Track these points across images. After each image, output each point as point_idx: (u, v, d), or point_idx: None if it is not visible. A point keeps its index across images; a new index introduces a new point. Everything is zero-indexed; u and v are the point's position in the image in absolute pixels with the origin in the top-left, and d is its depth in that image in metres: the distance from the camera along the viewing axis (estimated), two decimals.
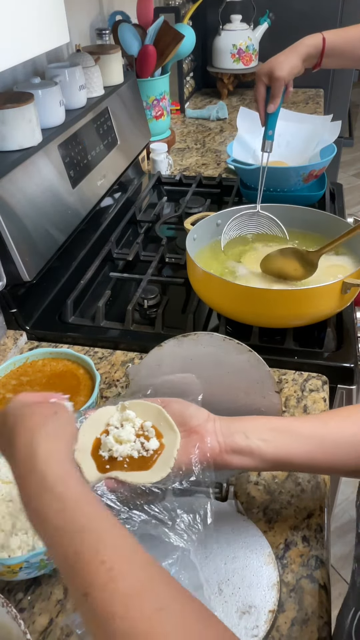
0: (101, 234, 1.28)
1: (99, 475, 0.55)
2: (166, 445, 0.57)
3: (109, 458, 0.56)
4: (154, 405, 0.61)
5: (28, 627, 0.49)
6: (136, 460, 0.56)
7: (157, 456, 0.57)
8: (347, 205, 1.62)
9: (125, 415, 0.60)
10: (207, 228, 1.06)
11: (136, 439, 0.58)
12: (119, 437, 0.58)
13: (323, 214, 1.09)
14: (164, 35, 1.58)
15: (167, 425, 0.59)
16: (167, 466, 0.55)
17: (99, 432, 0.59)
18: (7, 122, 0.94)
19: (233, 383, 0.70)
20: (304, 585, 0.62)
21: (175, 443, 0.57)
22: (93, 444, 0.58)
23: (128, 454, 0.57)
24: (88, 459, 0.57)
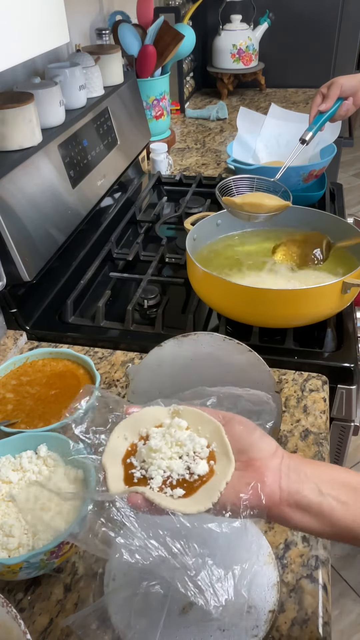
0: (101, 234, 1.28)
1: (123, 487, 0.47)
2: (215, 473, 0.47)
3: (140, 470, 0.48)
4: (212, 420, 0.51)
5: (28, 627, 0.49)
6: (174, 481, 0.47)
7: (201, 484, 0.47)
8: (347, 205, 1.62)
9: (175, 422, 0.51)
10: (207, 228, 1.06)
11: (182, 455, 0.49)
12: (158, 448, 0.49)
13: (323, 214, 1.09)
14: (164, 35, 1.58)
15: (221, 448, 0.49)
16: (209, 499, 0.45)
17: (137, 435, 0.51)
18: (7, 122, 0.94)
19: (233, 383, 0.70)
20: (304, 585, 0.62)
21: (227, 473, 0.47)
22: (127, 449, 0.50)
23: (166, 472, 0.48)
24: (117, 465, 0.49)
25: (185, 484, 0.47)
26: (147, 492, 0.46)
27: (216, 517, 0.45)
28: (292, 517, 0.45)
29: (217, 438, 0.49)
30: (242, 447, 0.48)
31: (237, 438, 0.49)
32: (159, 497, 0.45)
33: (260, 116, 1.56)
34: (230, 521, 0.47)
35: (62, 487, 0.64)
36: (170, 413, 0.52)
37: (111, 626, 0.54)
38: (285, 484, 0.45)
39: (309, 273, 0.99)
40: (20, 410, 0.77)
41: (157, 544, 0.45)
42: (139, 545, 0.45)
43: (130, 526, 0.46)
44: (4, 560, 0.56)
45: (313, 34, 2.26)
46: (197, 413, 0.52)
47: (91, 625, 0.53)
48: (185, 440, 0.49)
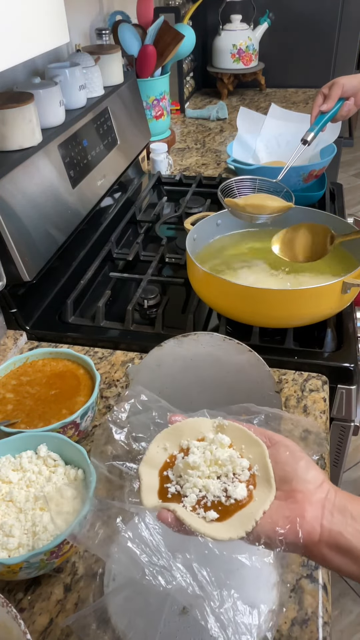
0: (101, 234, 1.28)
1: (156, 501, 0.45)
2: (254, 499, 0.44)
3: (176, 485, 0.46)
4: (258, 441, 0.48)
5: (28, 627, 0.49)
6: (209, 502, 0.45)
7: (237, 509, 0.44)
8: (347, 205, 1.62)
9: (218, 438, 0.48)
10: (207, 228, 1.06)
11: (220, 475, 0.46)
12: (196, 465, 0.46)
13: (323, 214, 1.09)
14: (164, 35, 1.58)
15: (263, 472, 0.46)
16: (243, 528, 0.43)
17: (177, 447, 0.49)
18: (7, 122, 0.94)
19: (233, 383, 0.70)
20: (304, 585, 0.62)
21: (265, 501, 0.44)
22: (166, 460, 0.48)
23: (202, 491, 0.45)
24: (154, 476, 0.47)
25: (220, 507, 0.44)
26: (179, 511, 0.43)
27: (248, 547, 0.43)
28: (331, 559, 0.42)
29: (261, 461, 0.46)
30: (286, 475, 0.45)
31: (281, 464, 0.46)
32: (190, 517, 0.43)
33: (260, 116, 1.56)
34: (262, 555, 0.45)
35: (62, 488, 0.64)
36: (214, 427, 0.50)
37: (111, 626, 0.54)
38: (328, 522, 0.42)
39: (308, 273, 0.99)
40: (20, 410, 0.77)
41: (183, 568, 0.42)
42: (163, 566, 0.43)
43: (157, 544, 0.44)
44: (4, 560, 0.56)
45: (313, 34, 2.26)
46: (242, 431, 0.49)
47: (91, 625, 0.53)
48: (226, 460, 0.46)
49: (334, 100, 1.11)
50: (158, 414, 0.54)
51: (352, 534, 0.41)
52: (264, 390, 0.69)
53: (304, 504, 0.43)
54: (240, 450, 0.48)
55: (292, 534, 0.41)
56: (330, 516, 0.42)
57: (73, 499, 0.64)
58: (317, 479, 0.45)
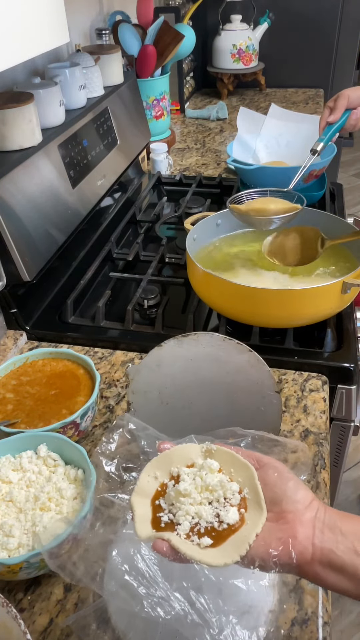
0: (101, 234, 1.28)
1: (150, 531, 0.45)
2: (246, 523, 0.45)
3: (168, 513, 0.46)
4: (246, 464, 0.48)
5: (28, 627, 0.49)
6: (202, 529, 0.45)
7: (230, 533, 0.44)
8: (347, 205, 1.62)
9: (207, 464, 0.49)
10: (207, 228, 1.06)
11: (212, 501, 0.46)
12: (188, 492, 0.46)
13: (323, 214, 1.09)
14: (164, 35, 1.58)
15: (253, 495, 0.46)
16: (237, 552, 0.43)
17: (168, 475, 0.49)
18: (7, 122, 0.94)
19: (233, 383, 0.70)
20: (304, 585, 0.62)
21: (257, 524, 0.44)
22: (157, 488, 0.48)
23: (195, 518, 0.45)
24: (146, 506, 0.47)
25: (213, 532, 0.44)
26: (174, 540, 0.43)
27: (244, 571, 0.43)
28: (325, 577, 0.42)
29: (250, 484, 0.47)
30: (275, 497, 0.45)
31: (270, 486, 0.46)
32: (184, 545, 0.43)
33: (260, 116, 1.56)
34: (258, 578, 0.45)
35: (62, 488, 0.64)
36: (203, 452, 0.50)
37: (111, 626, 0.53)
38: (319, 541, 0.42)
39: (308, 272, 0.99)
40: (20, 410, 0.77)
41: (181, 597, 0.42)
42: (161, 597, 0.43)
43: (154, 576, 0.44)
44: (4, 560, 0.56)
45: (313, 34, 2.26)
46: (230, 454, 0.49)
47: (91, 625, 0.53)
48: (216, 485, 0.47)
49: (341, 111, 1.13)
50: (147, 443, 0.54)
51: (344, 551, 0.42)
52: (264, 390, 0.69)
53: (295, 524, 0.43)
54: (230, 474, 0.49)
55: (286, 555, 0.42)
56: (321, 534, 0.42)
57: (73, 499, 0.64)
58: (306, 499, 0.45)
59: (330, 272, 1.00)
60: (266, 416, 0.69)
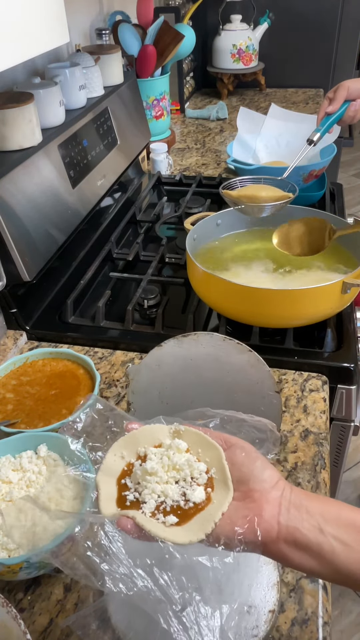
0: (101, 234, 1.28)
1: (115, 509, 0.45)
2: (212, 502, 0.45)
3: (134, 492, 0.46)
4: (214, 444, 0.49)
5: (28, 627, 0.49)
6: (168, 507, 0.45)
7: (196, 512, 0.44)
8: (347, 205, 1.62)
9: (174, 444, 0.49)
10: (207, 228, 1.06)
11: (179, 480, 0.46)
12: (154, 471, 0.46)
13: (323, 214, 1.08)
14: (164, 35, 1.58)
15: (221, 475, 0.47)
16: (202, 530, 0.43)
17: (135, 455, 0.49)
18: (7, 122, 0.94)
19: (233, 383, 0.70)
20: (304, 585, 0.62)
21: (224, 503, 0.44)
22: (123, 468, 0.48)
23: (160, 497, 0.45)
24: (111, 485, 0.47)
25: (179, 511, 0.44)
26: (138, 517, 0.44)
27: (208, 549, 0.43)
28: (290, 556, 0.42)
29: (217, 464, 0.47)
30: (242, 476, 0.46)
31: (237, 466, 0.47)
32: (149, 523, 0.43)
33: (260, 116, 1.56)
34: (223, 555, 0.45)
35: (62, 488, 0.64)
36: (171, 432, 0.50)
37: (111, 626, 0.53)
38: (284, 519, 0.42)
39: (308, 272, 0.99)
40: (20, 410, 0.77)
41: (144, 574, 0.42)
42: (124, 573, 0.42)
43: (117, 552, 0.43)
44: (4, 560, 0.56)
45: (313, 34, 2.26)
46: (198, 435, 0.49)
47: (91, 625, 0.53)
48: (183, 465, 0.47)
49: (340, 102, 1.13)
50: (114, 422, 0.54)
51: (308, 529, 0.42)
52: (264, 390, 0.69)
53: (261, 503, 0.43)
54: (197, 454, 0.49)
55: (251, 533, 0.42)
56: (287, 513, 0.43)
57: (73, 499, 0.64)
58: (272, 478, 0.45)
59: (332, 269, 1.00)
60: (266, 416, 0.69)
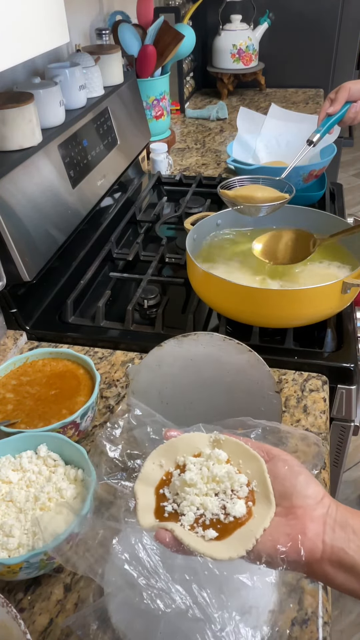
0: (101, 234, 1.28)
1: (153, 521, 0.44)
2: (253, 517, 0.43)
3: (172, 503, 0.45)
4: (255, 456, 0.47)
5: (28, 627, 0.49)
6: (207, 520, 0.43)
7: (236, 526, 0.42)
8: (347, 205, 1.62)
9: (214, 454, 0.47)
10: (207, 228, 1.06)
11: (218, 492, 0.45)
12: (193, 482, 0.45)
13: (323, 214, 1.09)
14: (164, 35, 1.58)
15: (262, 488, 0.45)
16: (243, 546, 0.41)
17: (173, 463, 0.48)
18: (7, 122, 0.94)
19: (233, 383, 0.70)
20: (304, 585, 0.62)
21: (265, 518, 0.43)
22: (162, 477, 0.47)
23: (200, 509, 0.44)
24: (149, 495, 0.46)
25: (219, 525, 0.43)
26: (177, 531, 0.42)
27: (249, 566, 0.42)
28: (334, 577, 0.41)
29: (259, 477, 0.45)
30: (285, 491, 0.44)
31: (280, 480, 0.44)
32: (188, 537, 0.42)
33: (260, 116, 1.56)
34: (263, 575, 0.44)
35: (62, 488, 0.64)
36: (211, 441, 0.49)
37: (111, 626, 0.53)
38: (330, 539, 0.40)
39: (308, 273, 0.99)
40: (20, 410, 0.77)
41: (182, 590, 0.41)
42: (162, 589, 0.41)
43: (156, 567, 0.42)
44: (4, 560, 0.56)
45: (313, 34, 2.26)
46: (239, 445, 0.48)
47: (91, 625, 0.53)
48: (223, 477, 0.45)
49: (341, 103, 1.13)
50: (153, 429, 0.53)
51: (355, 550, 0.40)
52: (264, 390, 0.69)
53: (304, 520, 0.42)
54: (238, 465, 0.47)
55: (294, 552, 0.40)
56: (332, 532, 0.41)
57: (73, 499, 0.64)
58: (317, 494, 0.44)
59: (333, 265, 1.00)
60: (266, 416, 0.69)
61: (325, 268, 0.99)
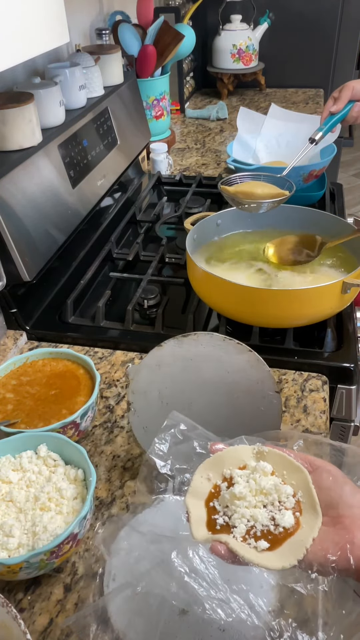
0: (101, 234, 1.28)
1: (207, 535, 0.45)
2: (301, 527, 0.44)
3: (223, 515, 0.46)
4: (299, 467, 0.48)
5: (28, 627, 0.49)
6: (258, 532, 0.45)
7: (286, 537, 0.44)
8: (347, 205, 1.62)
9: (260, 466, 0.49)
10: (207, 228, 1.06)
11: (267, 504, 0.46)
12: (243, 495, 0.46)
13: (323, 214, 1.09)
14: (164, 35, 1.58)
15: (308, 499, 0.46)
16: (294, 555, 0.43)
17: (220, 476, 0.49)
18: (7, 122, 0.94)
19: (233, 383, 0.70)
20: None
21: (314, 528, 0.44)
22: (210, 490, 0.48)
23: (250, 521, 0.45)
24: (200, 507, 0.47)
25: (269, 536, 0.44)
26: (232, 543, 0.44)
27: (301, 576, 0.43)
28: None
29: (304, 487, 0.46)
30: (330, 501, 0.45)
31: (325, 490, 0.46)
32: (242, 548, 0.43)
33: (260, 116, 1.56)
34: (316, 583, 0.45)
35: (62, 488, 0.64)
36: (254, 453, 0.50)
37: (111, 626, 0.53)
38: None
39: (308, 273, 0.99)
40: (20, 410, 0.77)
41: (240, 600, 0.42)
42: (221, 599, 0.42)
43: (213, 577, 0.44)
44: (4, 560, 0.56)
45: (313, 34, 2.26)
46: (282, 457, 0.49)
47: (91, 625, 0.53)
48: (271, 489, 0.47)
49: (344, 102, 1.13)
50: (198, 443, 0.54)
51: None
52: (264, 390, 0.69)
53: (352, 529, 0.43)
54: (282, 476, 0.48)
55: (344, 560, 0.41)
56: None
57: (73, 499, 0.64)
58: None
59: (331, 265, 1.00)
60: (266, 416, 0.69)
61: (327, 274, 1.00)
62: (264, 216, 1.08)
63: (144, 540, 0.53)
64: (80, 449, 0.67)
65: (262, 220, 1.10)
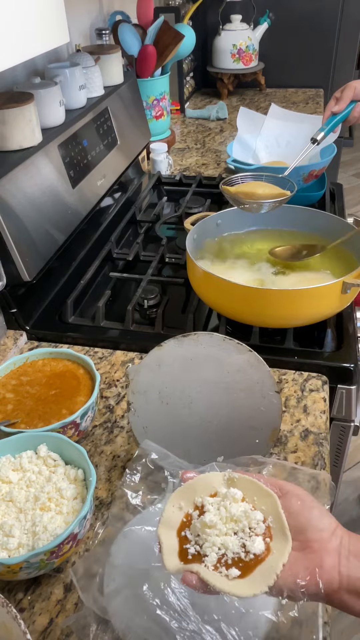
0: (101, 234, 1.28)
1: (179, 565, 0.45)
2: (272, 552, 0.45)
3: (195, 545, 0.46)
4: (269, 492, 0.48)
5: (28, 627, 0.49)
6: (229, 560, 0.45)
7: (257, 563, 0.44)
8: (347, 205, 1.62)
9: (230, 493, 0.49)
10: (207, 228, 1.06)
11: (237, 531, 0.46)
12: (213, 524, 0.46)
13: (323, 214, 1.09)
14: (164, 35, 1.58)
15: (278, 524, 0.46)
16: (265, 582, 0.43)
17: (192, 505, 0.49)
18: (7, 122, 0.94)
19: (233, 383, 0.70)
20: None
21: (284, 554, 0.44)
22: (182, 519, 0.48)
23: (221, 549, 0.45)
24: (172, 537, 0.47)
25: (240, 563, 0.44)
26: (202, 572, 0.44)
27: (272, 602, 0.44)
28: (352, 604, 0.42)
29: (274, 512, 0.47)
30: (299, 526, 0.46)
31: (294, 515, 0.46)
32: (214, 578, 0.44)
33: (260, 116, 1.56)
34: (287, 609, 0.46)
35: (62, 488, 0.64)
36: (225, 480, 0.50)
37: (111, 626, 0.53)
38: (345, 569, 0.42)
39: (308, 273, 0.99)
40: (20, 410, 0.77)
41: (212, 630, 0.43)
42: (193, 630, 0.43)
43: (185, 610, 0.44)
44: (4, 560, 0.56)
45: (313, 34, 2.26)
46: (252, 482, 0.49)
47: (91, 625, 0.53)
48: (241, 516, 0.47)
49: (346, 102, 1.13)
50: (169, 472, 0.55)
51: None
52: (264, 390, 0.69)
53: (321, 553, 0.43)
54: (253, 502, 0.49)
55: (313, 585, 0.42)
56: (347, 562, 0.43)
57: (73, 499, 0.64)
58: (330, 526, 0.45)
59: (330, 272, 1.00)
60: (266, 416, 0.69)
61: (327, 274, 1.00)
62: (263, 216, 1.08)
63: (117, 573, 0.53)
64: (80, 449, 0.67)
65: (262, 220, 1.10)
